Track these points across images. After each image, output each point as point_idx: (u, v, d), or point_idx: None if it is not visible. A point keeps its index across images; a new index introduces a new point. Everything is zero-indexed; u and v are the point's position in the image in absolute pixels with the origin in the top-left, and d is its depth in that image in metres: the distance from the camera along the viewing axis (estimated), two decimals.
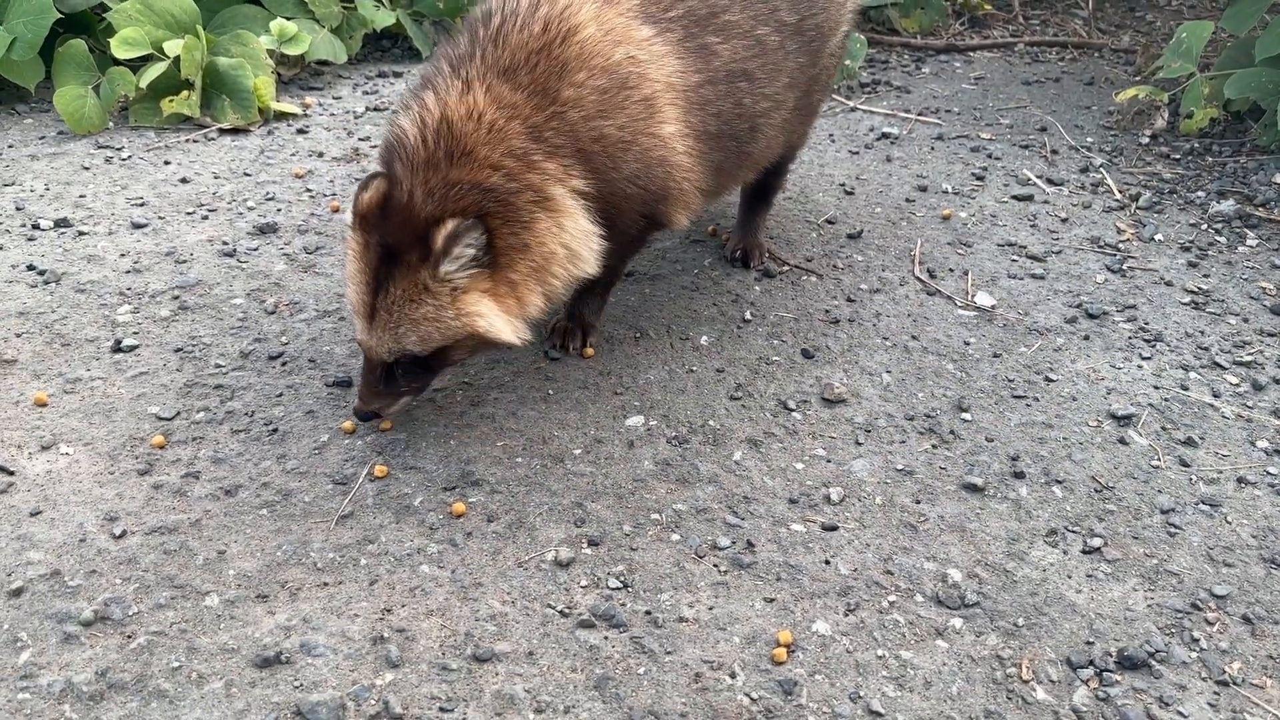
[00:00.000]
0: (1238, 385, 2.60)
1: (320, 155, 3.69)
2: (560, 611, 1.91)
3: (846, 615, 1.94)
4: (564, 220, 2.18)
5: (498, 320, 2.15)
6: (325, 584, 1.95)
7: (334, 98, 4.21)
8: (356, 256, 2.16)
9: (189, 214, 3.24)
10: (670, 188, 2.37)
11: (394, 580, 1.97)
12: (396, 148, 2.17)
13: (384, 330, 2.14)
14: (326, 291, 2.85)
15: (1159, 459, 2.34)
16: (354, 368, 2.54)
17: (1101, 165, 3.77)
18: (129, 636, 1.83)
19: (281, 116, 3.98)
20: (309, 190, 3.42)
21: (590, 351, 2.64)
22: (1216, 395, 2.56)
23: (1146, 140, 3.99)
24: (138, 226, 3.14)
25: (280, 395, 2.45)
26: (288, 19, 4.20)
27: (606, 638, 1.87)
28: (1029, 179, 3.66)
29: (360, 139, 3.83)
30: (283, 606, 1.90)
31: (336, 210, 3.29)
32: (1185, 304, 2.93)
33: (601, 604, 1.93)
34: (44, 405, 2.38)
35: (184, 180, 3.45)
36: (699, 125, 2.38)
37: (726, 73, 2.42)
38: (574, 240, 2.19)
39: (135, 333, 2.65)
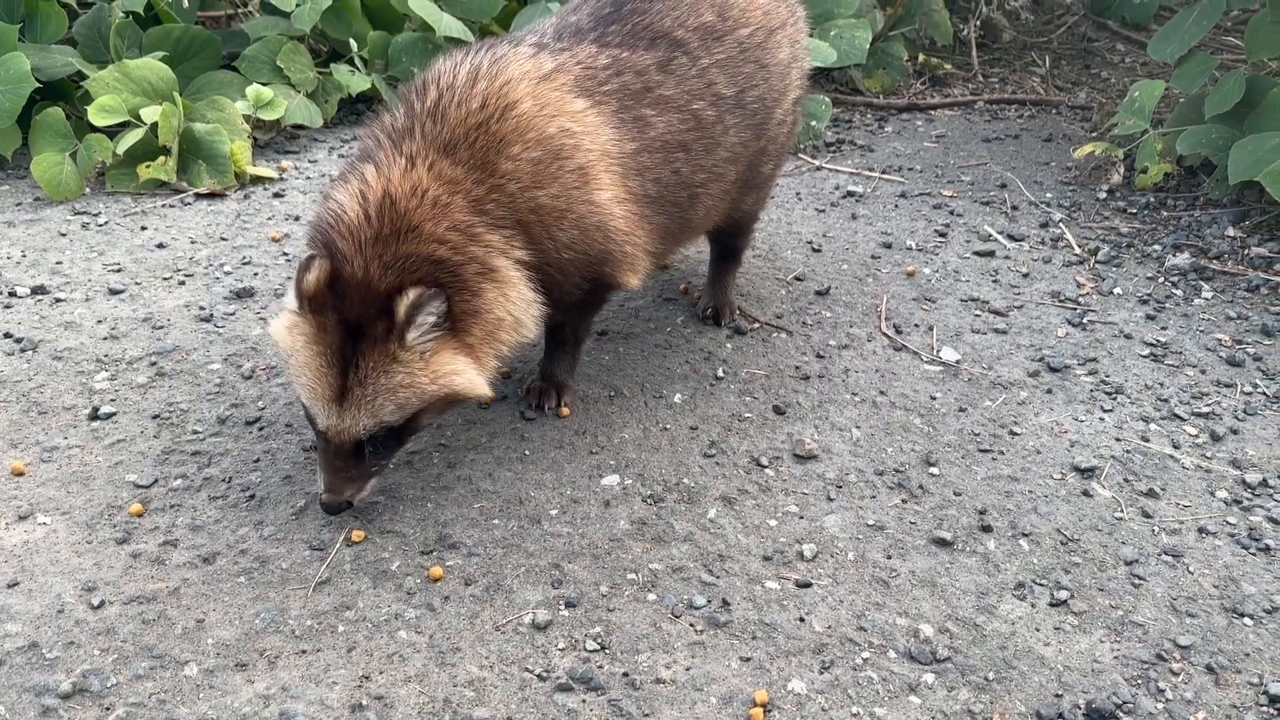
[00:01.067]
0: (1196, 436, 2.67)
1: (296, 219, 3.73)
2: (538, 675, 1.93)
3: (821, 673, 1.97)
4: (508, 290, 2.22)
5: (472, 374, 2.19)
6: (303, 651, 1.97)
7: (310, 161, 4.27)
8: (311, 340, 2.13)
9: (166, 279, 3.26)
10: (611, 250, 2.42)
11: (372, 646, 1.98)
12: (335, 225, 2.15)
13: (359, 408, 2.12)
14: None
15: (1122, 510, 2.40)
16: None
17: (1060, 220, 3.88)
18: (107, 709, 1.83)
19: (258, 180, 4.03)
20: (285, 254, 3.46)
21: (566, 411, 2.68)
22: (1176, 446, 2.63)
23: (1104, 195, 4.11)
24: (115, 292, 3.16)
25: (258, 461, 2.47)
26: (264, 84, 4.26)
27: (584, 701, 1.89)
28: (990, 235, 3.76)
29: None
30: (261, 675, 1.91)
31: None
32: (1145, 356, 3.02)
33: (579, 666, 1.95)
34: (21, 474, 2.39)
35: (161, 245, 3.48)
36: (638, 189, 2.44)
37: (662, 143, 2.48)
38: (517, 309, 2.25)
39: (113, 400, 2.66)
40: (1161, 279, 3.47)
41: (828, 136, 4.67)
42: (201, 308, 3.09)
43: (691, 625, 2.06)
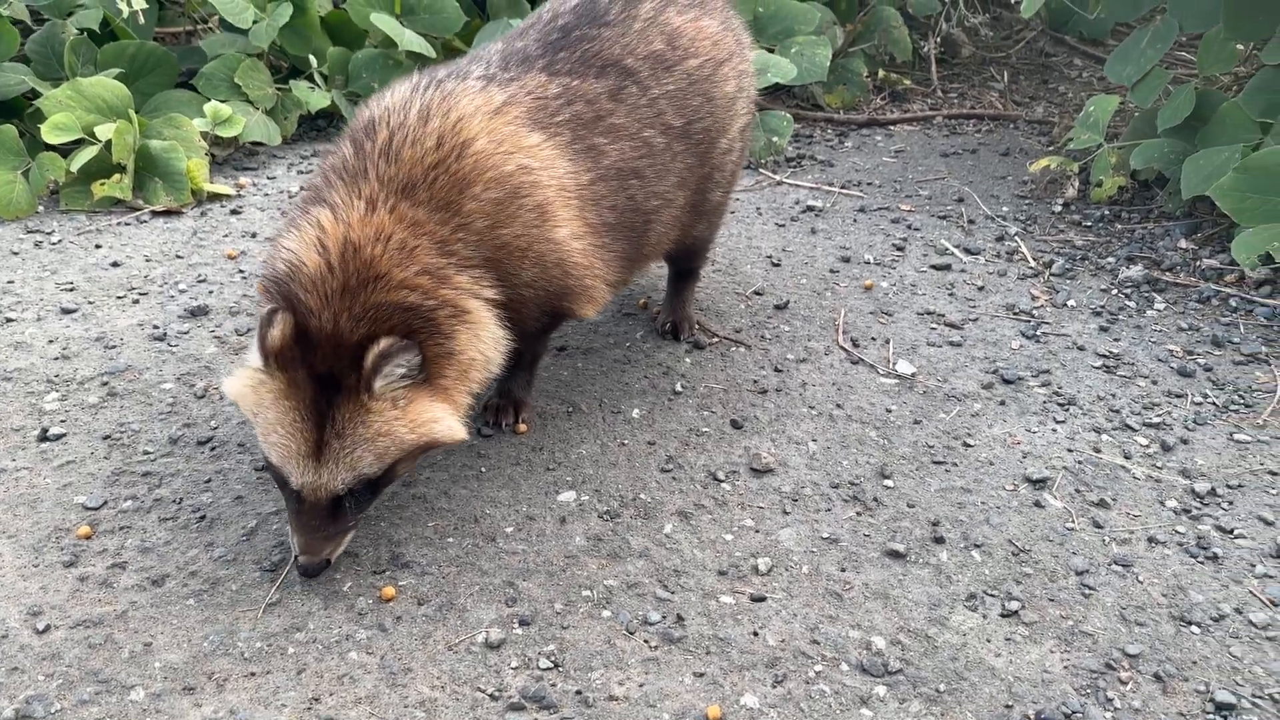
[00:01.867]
0: (1147, 446, 2.70)
1: (254, 236, 3.71)
2: (490, 695, 1.92)
3: (774, 687, 1.97)
4: (480, 331, 2.18)
5: (451, 421, 2.13)
6: (252, 674, 1.94)
7: (268, 178, 4.24)
8: (282, 397, 2.04)
9: (119, 298, 3.23)
10: (570, 286, 2.40)
11: (322, 668, 1.96)
12: (293, 276, 2.07)
13: (337, 462, 2.04)
14: None
15: (1073, 521, 2.43)
16: None
17: (1016, 234, 3.93)
18: None
19: (215, 197, 4.01)
20: (241, 271, 3.44)
21: (523, 428, 2.67)
22: (1128, 457, 2.66)
23: (1059, 209, 4.16)
24: (67, 312, 3.13)
25: (209, 481, 2.44)
26: (222, 102, 4.24)
27: (536, 719, 1.88)
28: (947, 249, 3.80)
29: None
30: (209, 699, 1.89)
31: None
32: (1097, 368, 3.05)
33: (532, 685, 1.94)
34: None
35: (115, 264, 3.44)
36: (595, 220, 2.42)
37: (617, 170, 2.46)
38: (488, 348, 2.20)
39: (63, 421, 2.63)
40: (1115, 291, 3.51)
41: (788, 152, 4.70)
42: (155, 326, 3.07)
43: (646, 641, 2.06)
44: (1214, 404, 2.88)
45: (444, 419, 2.12)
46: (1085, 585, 2.23)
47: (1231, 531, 2.40)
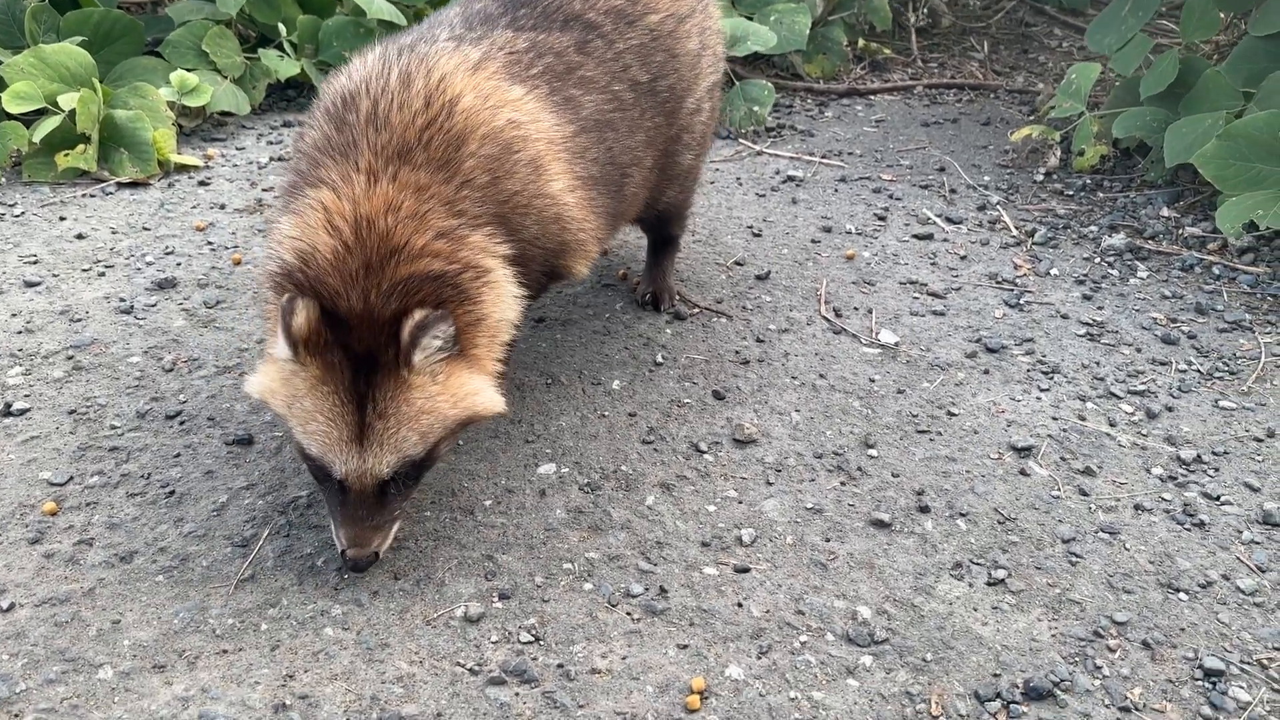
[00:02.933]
0: (1132, 414, 2.68)
1: (222, 207, 3.62)
2: (470, 669, 1.88)
3: (759, 658, 1.94)
4: (501, 291, 2.10)
5: (490, 392, 2.06)
6: (224, 651, 1.89)
7: (237, 148, 4.15)
8: (318, 383, 1.94)
9: (85, 271, 3.15)
10: (568, 241, 2.35)
11: (296, 644, 1.91)
12: (308, 261, 1.97)
13: (381, 444, 1.95)
14: (226, 346, 2.79)
15: (1059, 489, 2.40)
16: (254, 424, 2.48)
17: (998, 203, 3.89)
18: (16, 715, 1.75)
19: (182, 169, 3.91)
20: (210, 243, 3.36)
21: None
22: (1112, 424, 2.64)
23: (1041, 178, 4.13)
24: (30, 285, 3.04)
25: (178, 456, 2.38)
26: (189, 70, 4.14)
27: (518, 694, 1.84)
28: (929, 218, 3.76)
29: (264, 189, 3.78)
30: (180, 676, 1.84)
31: (238, 263, 3.23)
32: (1081, 336, 3.03)
33: (512, 659, 1.90)
34: None
35: (80, 236, 3.35)
36: (583, 172, 2.37)
37: (595, 122, 2.43)
38: (510, 309, 2.13)
39: (26, 395, 2.55)
40: (1098, 259, 3.48)
41: (769, 122, 4.64)
42: (122, 299, 2.98)
43: (628, 614, 2.02)
44: (1198, 371, 2.86)
45: (483, 390, 2.03)
46: (1072, 553, 2.21)
47: (1218, 498, 2.38)
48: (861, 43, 5.47)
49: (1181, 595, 2.11)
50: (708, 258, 3.42)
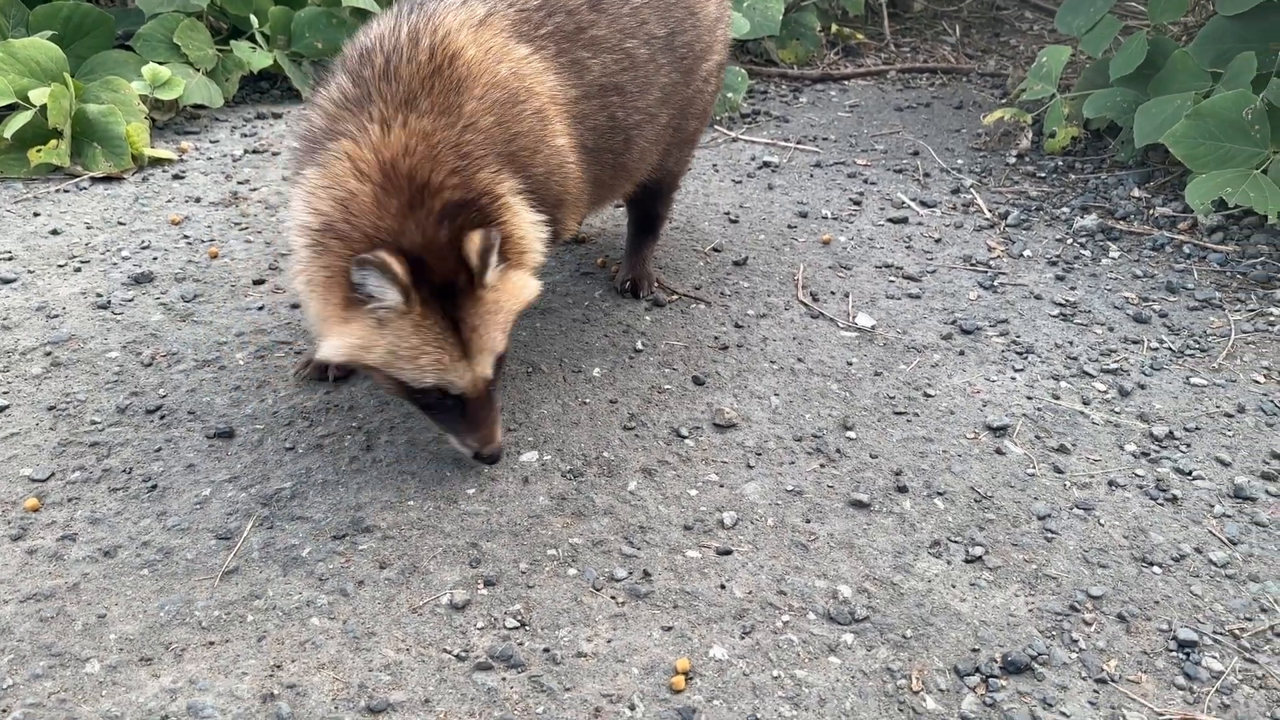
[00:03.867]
0: (1105, 392, 2.72)
1: (198, 201, 3.61)
2: (457, 655, 1.89)
3: (742, 638, 1.96)
4: (518, 213, 2.23)
5: (532, 282, 2.27)
6: (211, 643, 1.90)
7: (211, 141, 4.13)
8: (422, 321, 2.09)
9: (60, 266, 3.13)
10: (566, 195, 2.44)
11: (283, 635, 1.92)
12: (348, 208, 2.09)
13: (481, 351, 2.16)
14: (205, 340, 2.79)
15: (1034, 467, 2.44)
16: (235, 417, 2.49)
17: (971, 186, 3.93)
18: (4, 711, 1.75)
19: (156, 163, 3.89)
20: (186, 237, 3.34)
21: None
22: (1086, 403, 2.68)
23: (1013, 160, 4.17)
24: (6, 281, 3.02)
25: (159, 450, 2.38)
26: (160, 64, 4.11)
27: (505, 679, 1.86)
28: (903, 202, 3.79)
29: (239, 182, 3.76)
30: (167, 669, 1.84)
31: (215, 256, 3.22)
32: (1054, 316, 3.06)
33: (499, 645, 1.92)
34: None
35: (54, 232, 3.33)
36: (579, 139, 2.44)
37: (599, 87, 2.47)
38: (529, 230, 2.26)
39: (5, 392, 2.54)
40: (1070, 240, 3.53)
41: (744, 108, 4.66)
42: (99, 295, 2.97)
43: (613, 598, 2.04)
44: (1170, 349, 2.91)
45: (529, 284, 2.26)
46: (1047, 529, 2.25)
47: (1190, 473, 2.43)
48: (834, 28, 5.49)
49: (1155, 569, 2.15)
50: (685, 244, 3.44)
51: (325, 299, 2.13)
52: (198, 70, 4.29)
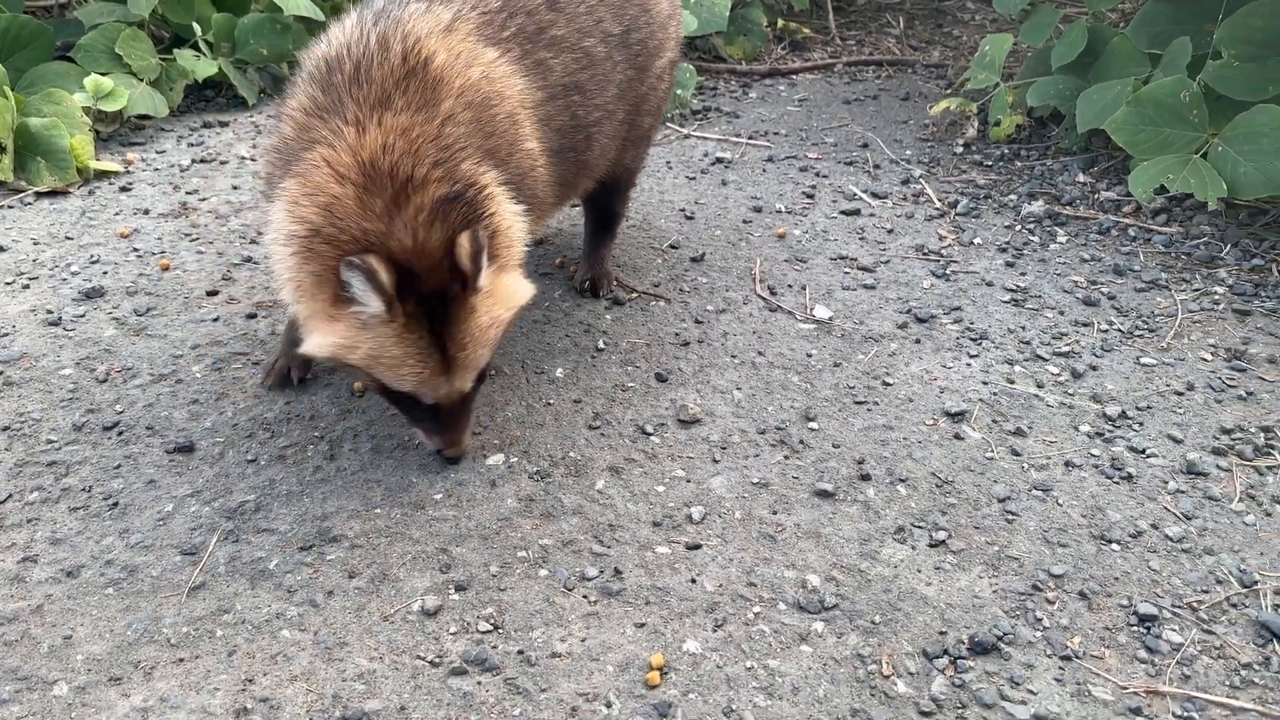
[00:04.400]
0: (1058, 375, 2.78)
1: (146, 213, 3.56)
2: (430, 662, 1.89)
3: (715, 631, 1.98)
4: (502, 203, 2.22)
5: (525, 285, 2.26)
6: (181, 660, 1.88)
7: (157, 152, 4.07)
8: (405, 330, 2.07)
9: (8, 284, 3.07)
10: (537, 196, 2.45)
11: (254, 649, 1.91)
12: (332, 212, 2.05)
13: (464, 368, 2.17)
14: (160, 354, 2.75)
15: (992, 450, 2.49)
16: (195, 431, 2.46)
17: (921, 176, 3.98)
18: None
19: (103, 175, 3.82)
20: (136, 250, 3.29)
21: None
22: (1040, 386, 2.73)
23: (960, 150, 4.23)
24: None
25: (118, 467, 2.35)
26: (103, 74, 4.04)
27: (480, 683, 1.86)
28: (855, 194, 3.83)
29: (188, 192, 3.71)
30: (137, 688, 1.82)
31: (166, 268, 3.18)
32: (1006, 302, 3.12)
33: (473, 649, 1.92)
34: None
35: (0, 249, 3.27)
36: (546, 142, 2.46)
37: (562, 86, 2.49)
38: (515, 219, 2.25)
39: None
40: (1018, 227, 3.59)
41: (694, 105, 4.68)
42: (49, 311, 2.92)
43: (585, 597, 2.05)
44: (1119, 330, 2.97)
45: (521, 287, 2.24)
46: (1008, 511, 2.29)
47: (1143, 451, 2.49)
48: (781, 23, 5.53)
49: (1114, 546, 2.21)
50: (643, 242, 3.46)
51: (314, 297, 2.12)
52: (141, 80, 4.23)
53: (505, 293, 2.20)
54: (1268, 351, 2.85)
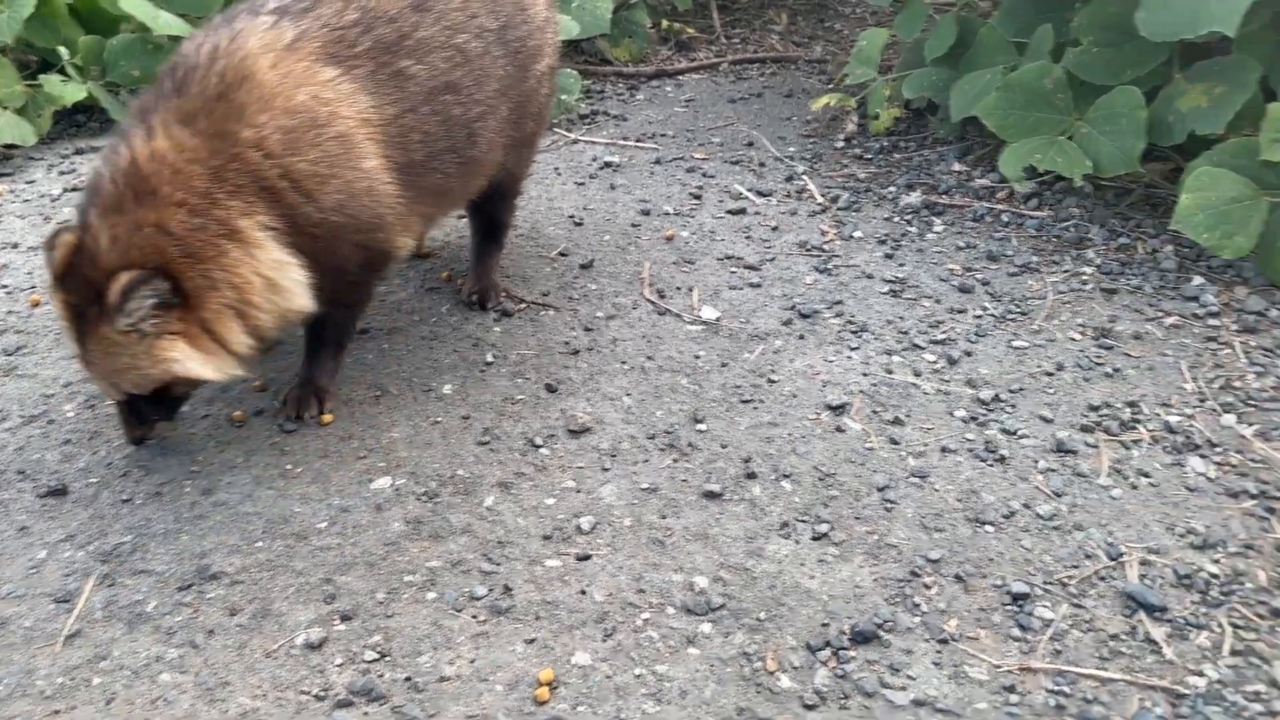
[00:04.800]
0: (935, 362, 2.85)
1: (15, 246, 3.44)
2: (315, 695, 1.87)
3: (604, 640, 2.00)
4: (255, 251, 2.23)
5: (194, 363, 2.20)
6: (56, 712, 1.83)
7: (26, 182, 3.94)
8: (61, 315, 2.21)
9: None
10: (384, 214, 2.45)
11: (132, 694, 1.87)
12: (92, 193, 2.20)
13: (101, 380, 2.24)
14: (31, 394, 2.67)
15: (872, 440, 2.55)
16: (68, 473, 2.40)
17: (804, 172, 4.05)
18: None
19: None
20: (4, 286, 3.19)
21: (328, 418, 2.59)
22: (917, 374, 2.80)
23: (841, 144, 4.31)
24: None
25: None
26: None
27: (366, 714, 1.85)
28: (741, 193, 3.89)
29: (60, 224, 3.59)
30: None
31: (36, 305, 3.08)
32: (885, 294, 3.20)
33: (359, 679, 1.90)
34: None
35: None
36: (400, 158, 2.45)
37: (427, 92, 2.48)
38: (269, 269, 2.24)
39: None
40: (897, 219, 3.68)
41: (581, 109, 4.69)
42: None
43: (474, 617, 2.05)
44: (993, 315, 3.07)
45: (184, 359, 2.20)
46: (887, 500, 2.35)
47: (1015, 433, 2.57)
48: (665, 23, 5.57)
49: (988, 527, 2.28)
50: (531, 251, 3.46)
51: None
52: (6, 108, 4.08)
53: (162, 351, 2.19)
54: (1133, 328, 2.97)
